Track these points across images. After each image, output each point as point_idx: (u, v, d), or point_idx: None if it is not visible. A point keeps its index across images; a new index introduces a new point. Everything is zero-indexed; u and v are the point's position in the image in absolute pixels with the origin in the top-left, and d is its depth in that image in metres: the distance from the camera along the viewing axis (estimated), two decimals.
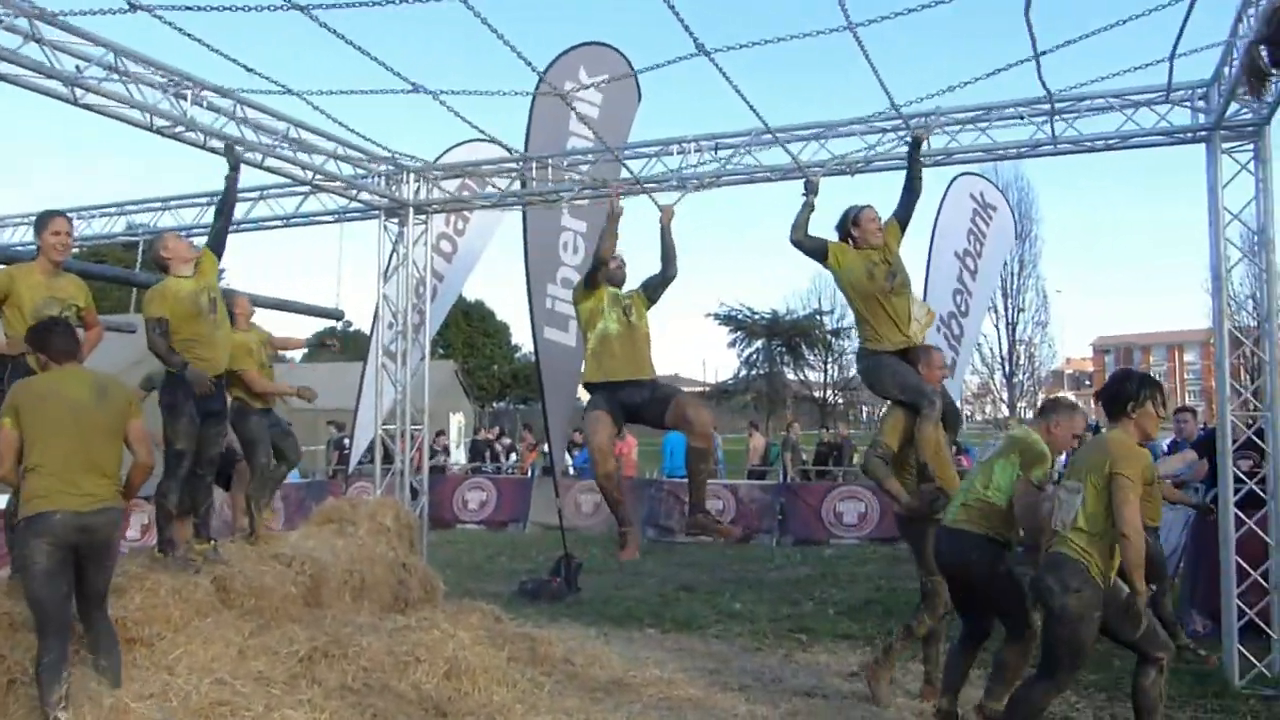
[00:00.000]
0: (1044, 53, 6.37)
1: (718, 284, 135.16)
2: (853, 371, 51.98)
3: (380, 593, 7.44)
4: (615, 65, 10.20)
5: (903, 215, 6.94)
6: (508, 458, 20.59)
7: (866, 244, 6.68)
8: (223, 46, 5.84)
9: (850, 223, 6.78)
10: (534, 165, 9.32)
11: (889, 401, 6.74)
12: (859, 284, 6.62)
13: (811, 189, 7.16)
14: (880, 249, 6.66)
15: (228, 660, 5.63)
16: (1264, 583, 7.02)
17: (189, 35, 5.63)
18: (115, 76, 6.65)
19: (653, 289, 6.70)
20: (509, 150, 9.08)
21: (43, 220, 6.03)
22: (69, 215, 6.29)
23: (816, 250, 6.82)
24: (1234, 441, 7.26)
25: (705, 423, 6.12)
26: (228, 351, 6.69)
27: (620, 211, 6.64)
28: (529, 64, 5.94)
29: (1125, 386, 4.96)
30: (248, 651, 5.79)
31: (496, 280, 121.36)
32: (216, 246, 6.71)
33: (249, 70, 6.32)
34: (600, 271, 6.39)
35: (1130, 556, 4.61)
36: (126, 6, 5.20)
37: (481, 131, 7.77)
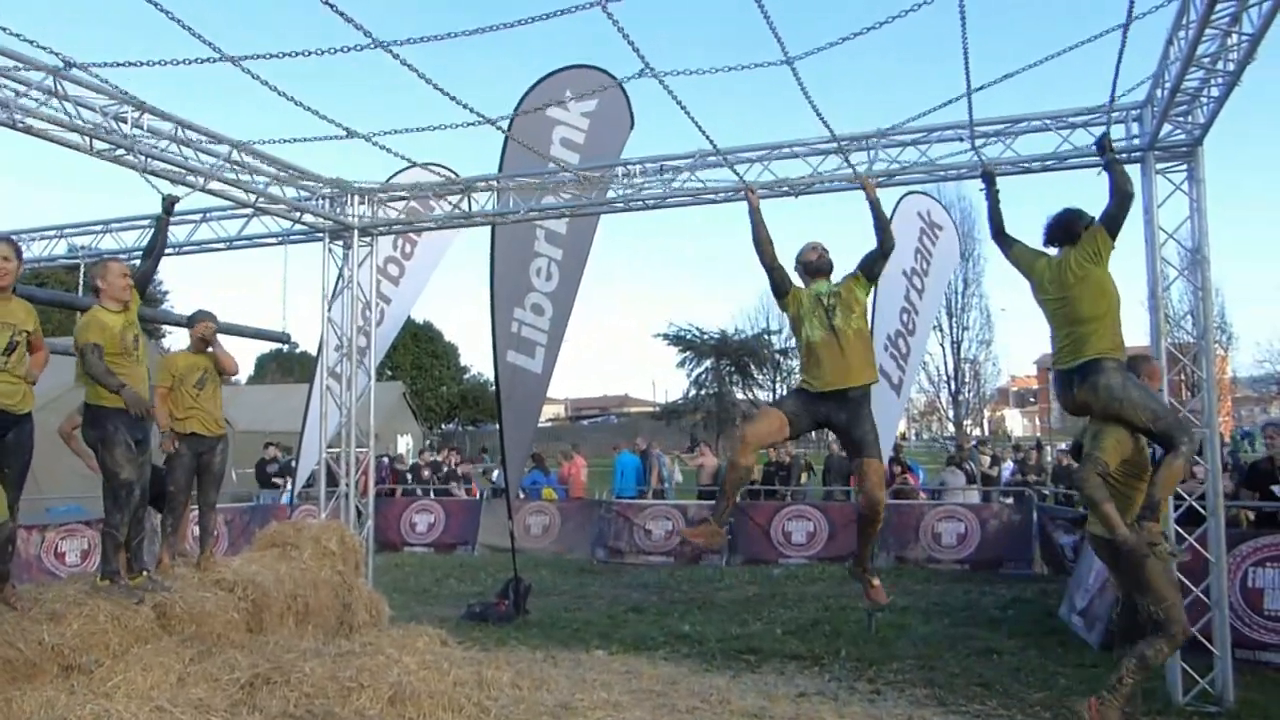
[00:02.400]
0: (979, 88, 6.56)
1: (666, 304, 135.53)
2: None
3: (324, 617, 7.36)
4: (605, 91, 9.91)
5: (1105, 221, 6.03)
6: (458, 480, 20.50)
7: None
8: (163, 74, 5.83)
9: (1080, 227, 6.03)
10: (511, 188, 9.27)
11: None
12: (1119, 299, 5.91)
13: (990, 180, 6.80)
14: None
15: (167, 687, 5.53)
16: (1205, 599, 7.12)
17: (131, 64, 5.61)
18: (54, 101, 6.57)
19: (871, 265, 6.21)
20: (455, 174, 9.10)
21: None
22: (14, 240, 6.21)
23: (1021, 259, 6.30)
24: None
25: (872, 502, 5.90)
26: (146, 387, 6.67)
27: (757, 206, 6.49)
28: (492, 123, 5.94)
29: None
30: (188, 678, 5.69)
31: (447, 302, 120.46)
32: (141, 286, 6.78)
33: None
34: (779, 276, 6.17)
35: None
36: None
37: (413, 163, 7.80)
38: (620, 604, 11.35)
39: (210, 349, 7.61)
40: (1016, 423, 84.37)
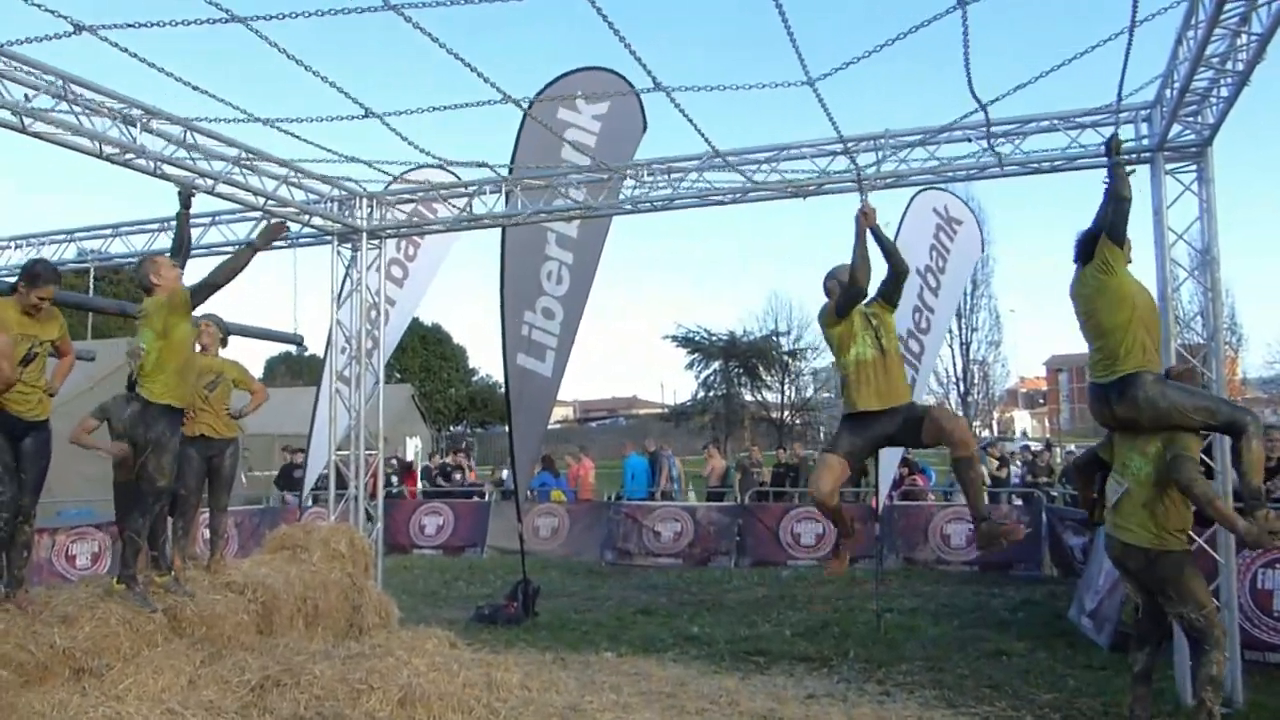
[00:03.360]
0: (990, 102, 6.58)
1: (674, 306, 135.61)
2: (810, 392, 52.52)
3: (334, 620, 7.38)
4: (617, 91, 9.83)
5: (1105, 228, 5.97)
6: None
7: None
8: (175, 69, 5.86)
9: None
10: (520, 188, 9.29)
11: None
12: (1149, 300, 5.92)
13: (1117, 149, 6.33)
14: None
15: (178, 690, 5.57)
16: (1215, 600, 7.09)
17: (136, 57, 5.63)
18: (64, 105, 6.61)
19: (889, 293, 6.25)
20: (458, 176, 9.12)
21: (33, 277, 6.01)
22: (59, 277, 6.24)
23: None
24: None
25: (963, 430, 5.85)
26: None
27: (870, 223, 6.16)
28: (516, 101, 5.96)
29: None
30: (199, 681, 5.73)
31: (454, 303, 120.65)
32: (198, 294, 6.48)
33: (198, 90, 6.31)
34: (858, 298, 6.07)
35: None
36: (71, 29, 5.19)
37: (430, 155, 7.76)
38: (629, 606, 11.35)
39: (207, 350, 7.53)
40: (1025, 424, 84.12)
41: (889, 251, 6.23)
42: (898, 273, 6.21)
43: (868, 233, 6.05)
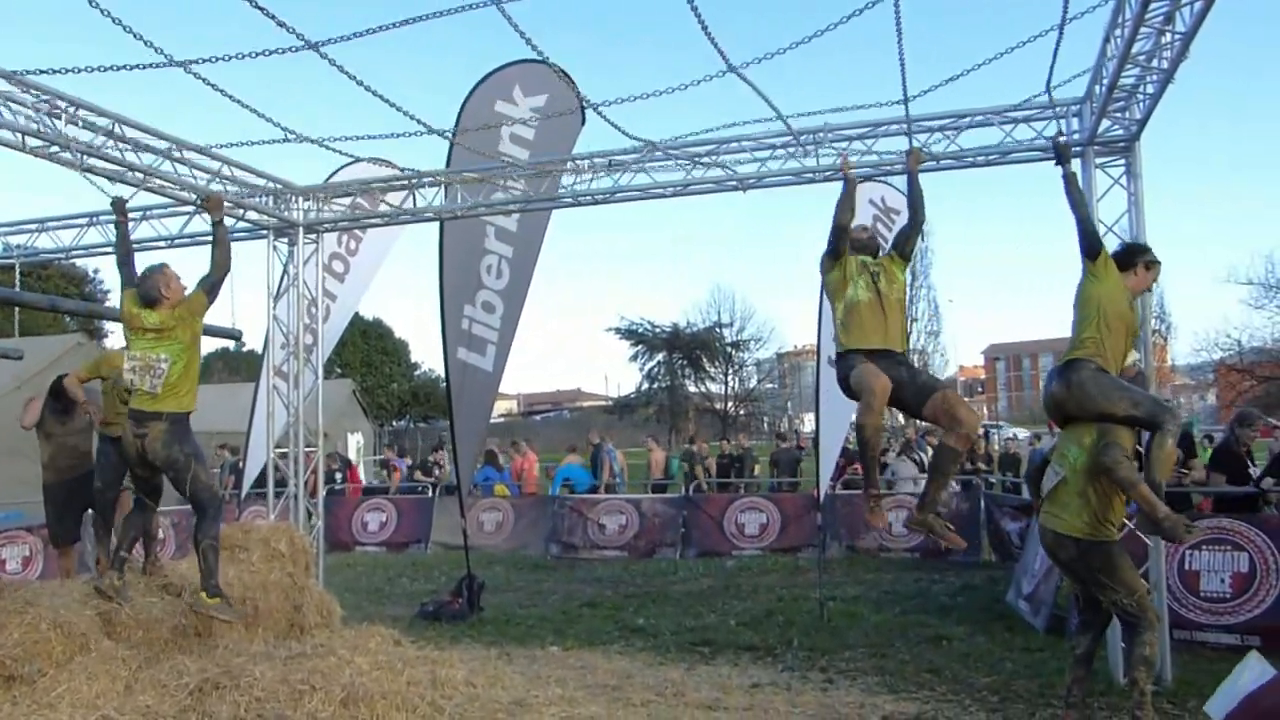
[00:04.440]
0: (914, 96, 6.70)
1: (617, 298, 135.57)
2: (754, 383, 52.88)
3: (275, 620, 7.27)
4: (555, 84, 9.68)
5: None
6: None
7: (1137, 290, 6.14)
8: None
9: (1140, 263, 6.08)
10: (459, 181, 9.20)
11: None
12: (1120, 308, 5.89)
13: (1064, 156, 6.55)
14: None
15: (114, 695, 5.44)
16: (1144, 581, 7.26)
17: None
18: None
19: (903, 241, 6.32)
20: (400, 169, 9.03)
21: None
22: None
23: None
24: None
25: (972, 425, 5.79)
26: None
27: (855, 179, 6.37)
28: (439, 133, 5.90)
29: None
30: (135, 685, 5.60)
31: (395, 297, 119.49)
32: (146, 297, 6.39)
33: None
34: (843, 241, 6.08)
35: None
36: None
37: (357, 158, 7.70)
38: (575, 599, 11.35)
39: None
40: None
41: (916, 199, 6.36)
42: (916, 221, 6.32)
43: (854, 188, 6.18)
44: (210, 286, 6.45)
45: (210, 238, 6.80)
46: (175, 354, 6.20)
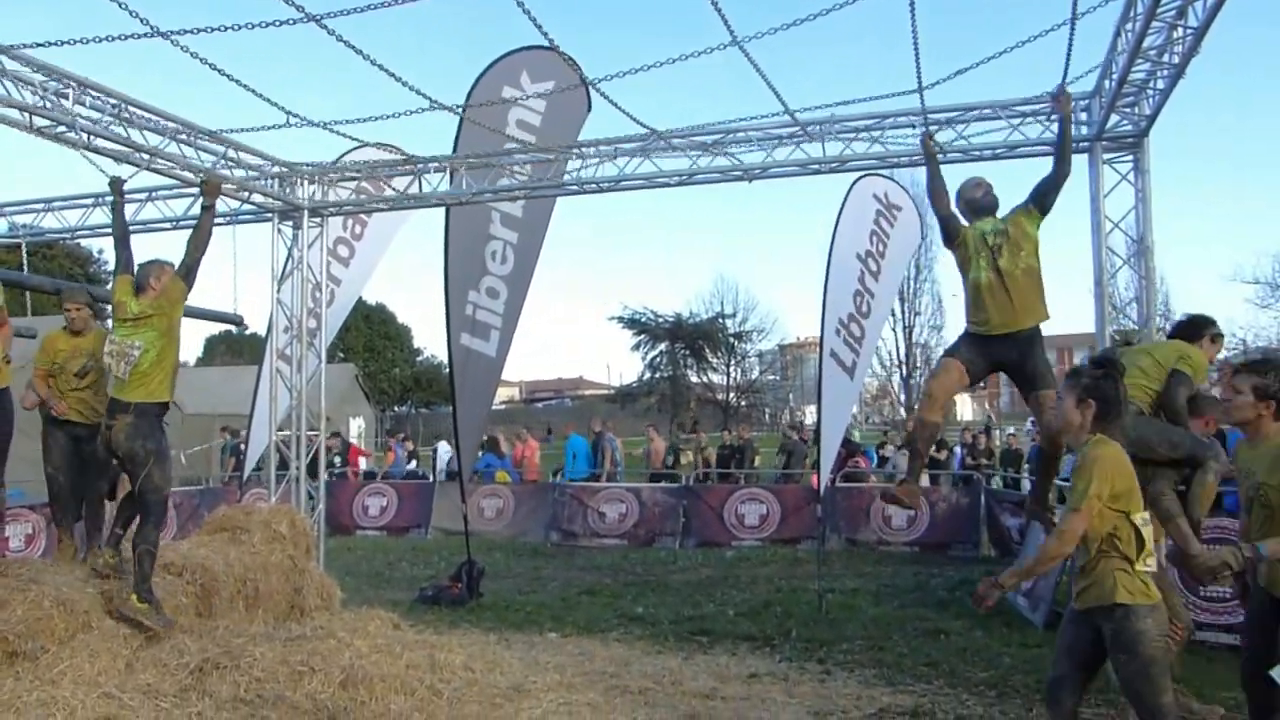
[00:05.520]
0: (929, 86, 6.65)
1: (621, 287, 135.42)
2: (755, 374, 52.84)
3: (275, 602, 7.30)
4: (562, 72, 9.66)
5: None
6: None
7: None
8: (106, 56, 5.75)
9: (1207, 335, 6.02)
10: (465, 167, 9.19)
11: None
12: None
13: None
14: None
15: (115, 673, 5.50)
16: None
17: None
18: None
19: (1043, 195, 6.02)
20: (404, 154, 9.02)
21: None
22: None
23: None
24: None
25: (1051, 427, 5.55)
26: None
27: (936, 153, 6.30)
28: (446, 108, 5.89)
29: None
30: (136, 664, 5.66)
31: (398, 283, 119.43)
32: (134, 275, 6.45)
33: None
34: (951, 226, 6.01)
35: None
36: None
37: (364, 141, 7.68)
38: (574, 586, 11.37)
39: (81, 333, 7.06)
40: (966, 408, 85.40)
41: (1064, 149, 6.09)
42: (1062, 173, 6.04)
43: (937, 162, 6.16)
44: (185, 270, 6.39)
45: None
46: (149, 342, 6.16)
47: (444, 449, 20.02)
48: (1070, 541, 4.00)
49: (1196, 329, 6.01)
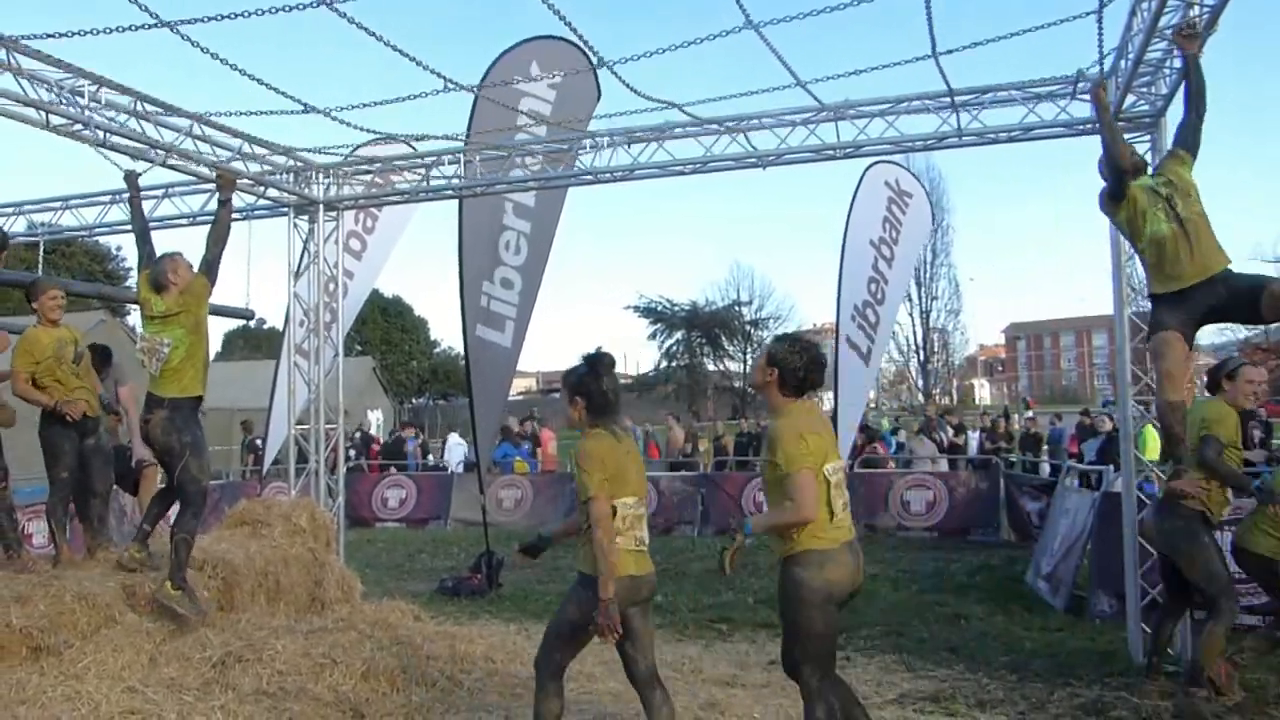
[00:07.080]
0: (945, 52, 6.57)
1: (636, 276, 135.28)
2: None
3: (296, 595, 7.33)
4: (572, 61, 9.52)
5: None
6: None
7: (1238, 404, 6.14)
8: (119, 51, 5.76)
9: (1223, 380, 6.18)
10: (478, 158, 9.18)
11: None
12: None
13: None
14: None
15: (139, 667, 5.53)
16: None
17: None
18: (7, 75, 6.44)
19: (1187, 136, 5.82)
20: (414, 148, 9.03)
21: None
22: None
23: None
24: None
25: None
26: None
27: (1108, 103, 6.00)
28: (464, 87, 5.89)
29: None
30: (160, 658, 5.69)
31: (414, 275, 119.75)
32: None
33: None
34: (1124, 184, 5.73)
35: None
36: None
37: (378, 133, 7.67)
38: None
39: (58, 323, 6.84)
40: (985, 392, 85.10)
41: (1198, 88, 5.81)
42: (1200, 113, 5.81)
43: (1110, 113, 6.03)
44: (207, 266, 6.41)
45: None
46: (178, 338, 6.19)
47: (454, 440, 20.08)
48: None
49: (1213, 382, 6.30)
